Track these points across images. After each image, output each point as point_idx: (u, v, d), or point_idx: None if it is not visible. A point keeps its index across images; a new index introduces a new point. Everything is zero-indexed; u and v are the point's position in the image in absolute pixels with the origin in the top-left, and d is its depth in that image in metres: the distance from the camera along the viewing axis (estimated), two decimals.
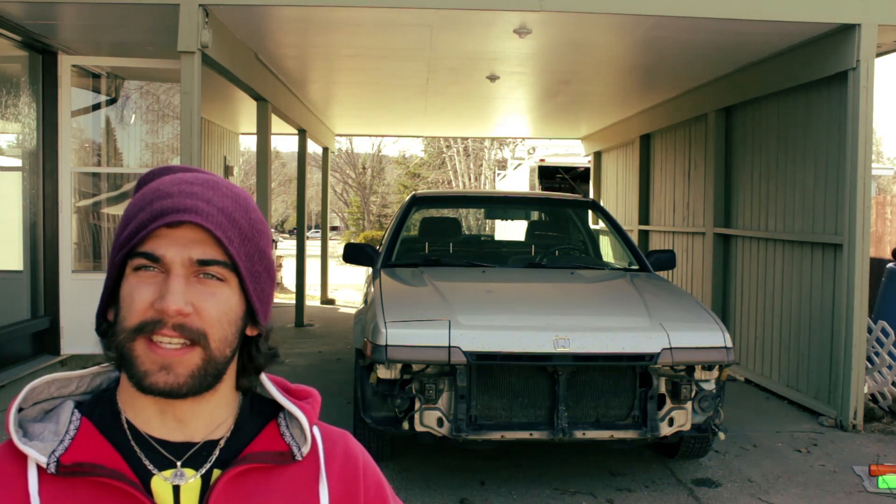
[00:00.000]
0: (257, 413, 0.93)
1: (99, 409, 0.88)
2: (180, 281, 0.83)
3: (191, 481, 0.86)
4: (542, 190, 15.00)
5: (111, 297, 0.88)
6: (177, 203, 0.84)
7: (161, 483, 0.85)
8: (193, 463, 0.87)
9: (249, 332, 0.91)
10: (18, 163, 6.46)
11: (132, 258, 0.84)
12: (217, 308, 0.85)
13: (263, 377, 0.95)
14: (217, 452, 0.88)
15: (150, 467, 0.86)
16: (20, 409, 0.86)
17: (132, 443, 0.86)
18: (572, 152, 15.64)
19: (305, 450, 0.91)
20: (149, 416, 0.87)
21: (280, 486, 0.89)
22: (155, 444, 0.87)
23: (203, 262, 0.84)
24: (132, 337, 0.83)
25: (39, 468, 0.82)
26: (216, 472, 0.87)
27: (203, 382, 0.85)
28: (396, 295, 4.49)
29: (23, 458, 0.83)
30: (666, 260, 5.55)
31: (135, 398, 0.87)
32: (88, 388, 0.91)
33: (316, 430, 0.94)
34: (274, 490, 0.89)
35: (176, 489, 0.85)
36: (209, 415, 0.89)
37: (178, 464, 0.86)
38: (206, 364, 0.84)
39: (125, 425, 0.87)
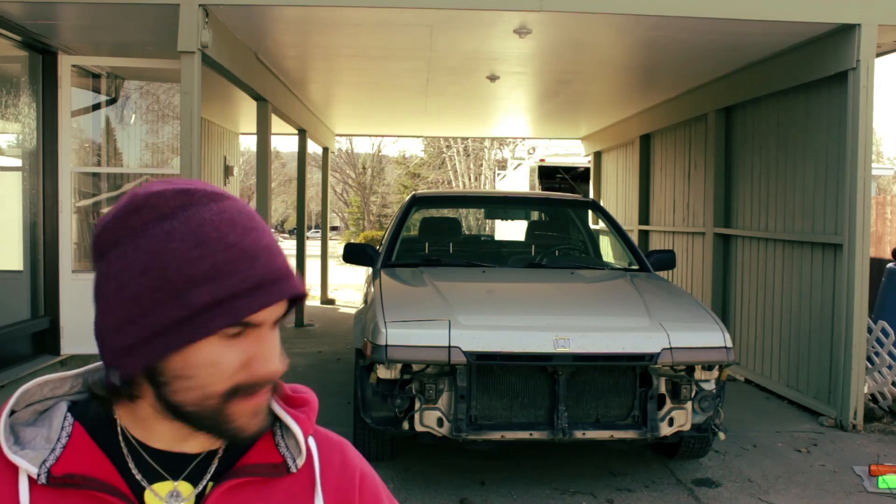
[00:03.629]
0: None
1: (93, 412, 0.85)
2: (278, 341, 0.81)
3: (185, 495, 0.84)
4: (542, 190, 15.00)
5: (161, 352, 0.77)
6: (273, 270, 0.79)
7: (153, 497, 0.83)
8: (190, 476, 0.85)
9: None
10: (18, 163, 6.46)
11: (226, 328, 0.77)
12: (280, 352, 0.84)
13: None
14: (215, 465, 0.86)
15: (144, 482, 0.83)
16: (12, 412, 0.83)
17: (126, 455, 0.83)
18: (572, 152, 15.64)
19: (300, 462, 0.88)
20: (162, 434, 0.84)
21: (275, 499, 0.88)
22: (147, 458, 0.84)
23: (279, 320, 0.83)
24: (222, 401, 0.79)
25: (30, 478, 0.80)
26: (210, 486, 0.85)
27: None
28: (396, 295, 4.49)
29: (14, 466, 0.80)
30: (666, 260, 5.55)
31: (150, 422, 0.83)
32: (83, 388, 0.88)
33: (311, 441, 0.92)
34: (269, 501, 0.87)
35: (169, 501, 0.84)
36: None
37: (175, 484, 0.84)
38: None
39: (120, 436, 0.84)
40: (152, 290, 0.75)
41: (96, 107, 7.32)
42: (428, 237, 6.39)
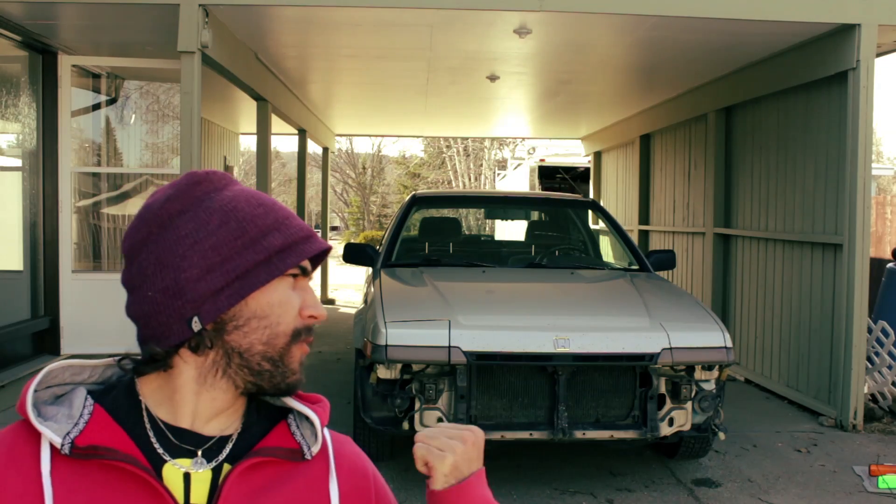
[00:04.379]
0: (264, 417, 0.96)
1: (112, 397, 0.90)
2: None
3: (202, 471, 0.88)
4: (542, 190, 15.00)
5: (232, 299, 0.88)
6: (307, 228, 0.94)
7: (173, 470, 0.87)
8: (207, 455, 0.90)
9: None
10: (18, 163, 6.46)
11: (293, 268, 0.92)
12: None
13: None
14: (229, 447, 0.91)
15: (164, 454, 0.88)
16: (35, 391, 0.88)
17: (148, 430, 0.88)
18: (572, 152, 15.65)
19: (315, 449, 0.94)
20: (189, 411, 0.89)
21: (291, 482, 0.93)
22: (169, 435, 0.89)
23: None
24: (288, 341, 0.91)
25: (52, 450, 0.84)
26: (226, 467, 0.90)
27: None
28: (396, 295, 4.49)
29: (35, 439, 0.85)
30: (666, 260, 5.55)
31: (182, 394, 0.89)
32: (100, 379, 0.93)
33: (326, 431, 0.98)
34: (285, 484, 0.92)
35: (186, 477, 0.88)
36: (235, 412, 0.94)
37: (199, 452, 0.89)
38: None
39: (144, 413, 0.89)
40: (231, 239, 0.88)
41: (96, 107, 7.32)
42: (428, 237, 6.38)
